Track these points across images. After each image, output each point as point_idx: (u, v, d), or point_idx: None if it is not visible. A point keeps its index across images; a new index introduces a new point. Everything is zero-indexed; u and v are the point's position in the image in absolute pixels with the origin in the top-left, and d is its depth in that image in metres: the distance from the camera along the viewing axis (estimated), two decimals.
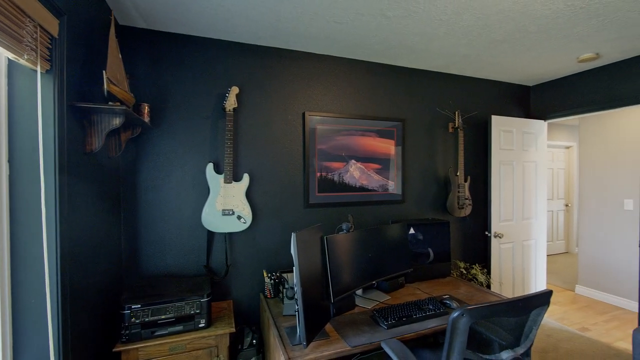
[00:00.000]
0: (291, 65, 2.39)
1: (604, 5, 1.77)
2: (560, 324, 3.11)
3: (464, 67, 2.80)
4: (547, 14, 1.86)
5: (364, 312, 1.85)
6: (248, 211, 2.13)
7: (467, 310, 1.08)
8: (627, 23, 1.99)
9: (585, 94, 2.90)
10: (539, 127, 3.19)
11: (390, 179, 2.68)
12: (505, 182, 2.99)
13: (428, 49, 2.40)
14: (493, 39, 2.21)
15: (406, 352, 1.38)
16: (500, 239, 2.95)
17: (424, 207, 2.84)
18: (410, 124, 2.78)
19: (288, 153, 2.38)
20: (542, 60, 2.63)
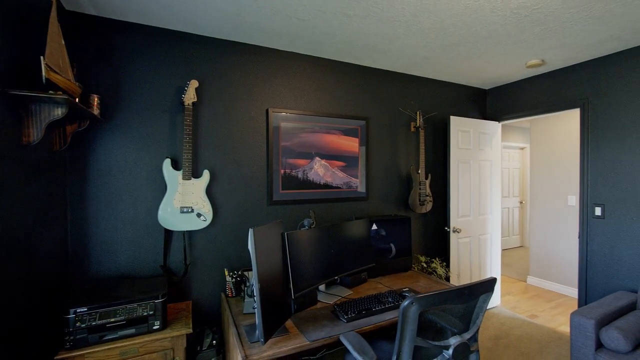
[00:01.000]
0: (254, 61, 2.35)
1: (545, 15, 1.92)
2: (512, 312, 3.33)
3: (424, 69, 2.91)
4: (496, 20, 1.98)
5: (326, 308, 1.87)
6: (208, 208, 2.07)
7: (417, 299, 1.12)
8: (565, 33, 2.17)
9: (534, 97, 3.12)
10: (494, 128, 3.39)
11: (354, 176, 2.72)
12: (463, 180, 3.14)
13: (390, 50, 2.47)
14: (449, 42, 2.31)
15: (362, 343, 1.40)
16: (459, 234, 3.10)
17: (388, 203, 2.92)
18: (374, 123, 2.85)
19: (251, 149, 2.34)
20: (495, 65, 2.79)
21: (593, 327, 1.90)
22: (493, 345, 2.66)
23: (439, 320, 1.63)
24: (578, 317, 1.97)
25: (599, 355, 1.87)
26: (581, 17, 1.95)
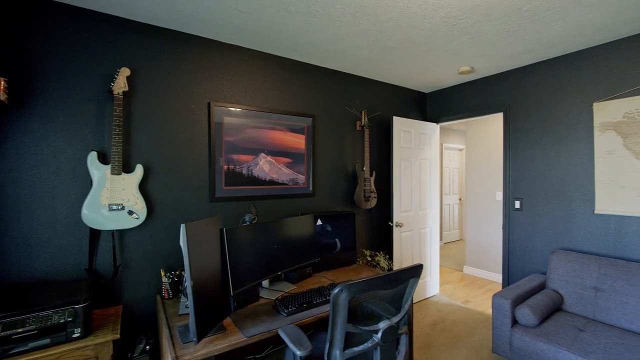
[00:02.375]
0: (196, 52, 2.26)
1: (469, 25, 2.11)
2: (449, 299, 3.60)
3: (369, 71, 3.03)
4: (429, 27, 2.13)
5: (268, 303, 1.86)
6: (142, 205, 1.94)
7: (346, 286, 1.17)
8: (488, 44, 2.41)
9: (466, 102, 3.41)
10: (433, 129, 3.65)
11: (301, 173, 2.74)
12: (405, 177, 3.33)
13: (335, 49, 2.53)
14: (388, 45, 2.44)
15: (300, 335, 1.42)
16: (401, 228, 3.28)
17: (334, 200, 2.99)
18: (321, 121, 2.90)
19: (192, 144, 2.24)
20: (431, 70, 3.01)
21: (509, 306, 2.13)
22: (431, 331, 2.86)
23: (373, 307, 1.71)
24: (497, 298, 2.19)
25: (514, 330, 2.10)
26: (499, 30, 2.18)
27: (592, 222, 2.49)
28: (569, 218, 2.61)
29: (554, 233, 2.70)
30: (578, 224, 2.56)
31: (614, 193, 2.36)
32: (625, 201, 2.31)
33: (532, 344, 2.00)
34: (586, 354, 1.79)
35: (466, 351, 2.51)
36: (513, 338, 2.10)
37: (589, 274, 2.28)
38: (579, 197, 2.56)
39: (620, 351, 1.78)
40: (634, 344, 1.85)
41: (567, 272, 2.38)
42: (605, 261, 2.25)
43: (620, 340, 1.88)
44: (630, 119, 2.28)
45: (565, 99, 2.63)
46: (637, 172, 2.26)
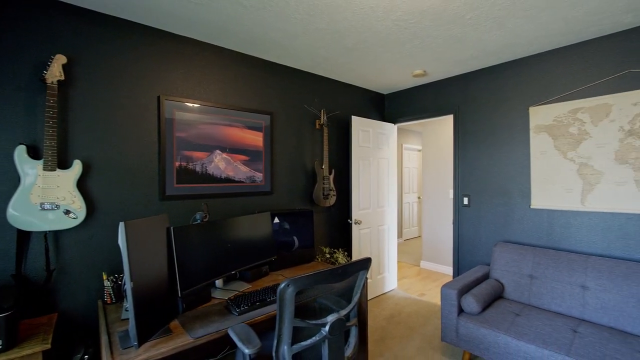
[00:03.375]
0: (145, 43, 2.14)
1: (420, 30, 2.22)
2: (406, 293, 3.75)
3: (328, 70, 3.07)
4: (382, 29, 2.21)
5: (220, 304, 1.81)
6: (80, 204, 1.80)
7: (292, 281, 1.17)
8: (438, 49, 2.54)
9: (420, 103, 3.58)
10: (390, 129, 3.78)
11: (258, 170, 2.71)
12: (363, 175, 3.41)
13: (293, 47, 2.53)
14: (345, 45, 2.48)
15: (250, 333, 1.40)
16: (360, 225, 3.36)
17: (293, 198, 2.98)
18: (279, 118, 2.88)
19: (140, 139, 2.12)
20: (388, 72, 3.11)
21: (456, 296, 2.26)
22: (387, 324, 2.95)
23: (326, 302, 1.73)
24: (445, 289, 2.32)
25: (460, 318, 2.24)
26: (446, 36, 2.31)
27: (528, 216, 2.72)
28: (510, 213, 2.83)
29: (497, 227, 2.92)
30: (517, 218, 2.79)
31: (547, 189, 2.60)
32: (555, 196, 2.55)
33: (475, 330, 2.14)
34: (520, 336, 1.95)
35: (419, 341, 2.63)
36: (459, 326, 2.23)
37: (525, 264, 2.49)
38: (517, 194, 2.78)
39: (548, 332, 1.97)
40: (560, 324, 2.05)
41: (507, 262, 2.58)
42: (539, 251, 2.48)
43: (549, 322, 2.08)
44: (559, 122, 2.53)
45: (505, 103, 2.85)
46: (564, 170, 2.50)
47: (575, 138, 2.45)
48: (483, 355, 2.10)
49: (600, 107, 2.33)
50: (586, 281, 2.19)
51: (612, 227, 2.30)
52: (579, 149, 2.43)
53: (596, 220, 2.37)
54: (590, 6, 1.93)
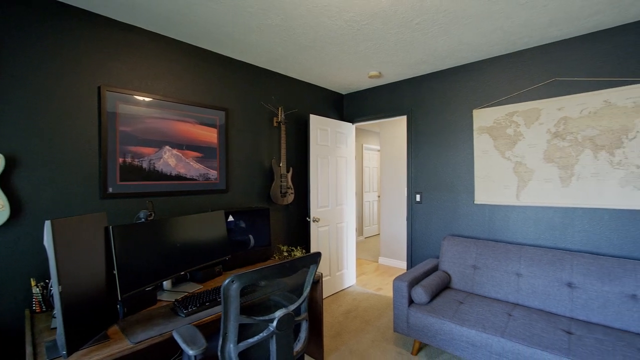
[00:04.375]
0: (84, 28, 1.98)
1: (372, 31, 2.29)
2: (364, 289, 3.85)
3: (286, 67, 3.05)
4: (335, 28, 2.25)
5: (167, 306, 1.72)
6: (3, 203, 1.61)
7: (237, 277, 1.15)
8: (390, 51, 2.65)
9: (376, 104, 3.69)
10: (348, 128, 3.86)
11: (213, 168, 2.62)
12: (322, 173, 3.44)
13: (248, 42, 2.48)
14: (301, 43, 2.49)
15: (195, 335, 1.35)
16: (318, 223, 3.39)
17: (250, 196, 2.93)
18: (235, 115, 2.81)
19: (76, 132, 1.95)
20: (345, 72, 3.17)
21: (406, 287, 2.37)
22: (344, 319, 3.01)
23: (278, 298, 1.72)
24: (397, 282, 2.42)
25: (410, 308, 2.35)
26: (397, 39, 2.41)
27: (473, 211, 2.92)
28: (457, 208, 3.02)
29: (445, 222, 3.10)
30: (463, 213, 2.98)
31: (488, 186, 2.82)
32: (495, 192, 2.77)
33: (423, 319, 2.26)
34: (462, 322, 2.10)
35: (373, 334, 2.71)
36: (409, 316, 2.34)
37: (469, 255, 2.67)
38: (463, 190, 2.98)
39: (487, 317, 2.13)
40: (497, 309, 2.23)
41: (454, 254, 2.75)
42: (482, 243, 2.67)
43: (488, 308, 2.25)
44: (498, 124, 2.75)
45: (453, 105, 3.04)
46: (502, 169, 2.73)
47: (512, 139, 2.68)
48: (431, 342, 2.22)
49: (532, 111, 2.57)
50: (520, 269, 2.40)
51: (542, 220, 2.54)
52: (514, 149, 2.67)
53: (529, 213, 2.61)
54: (521, 19, 2.12)
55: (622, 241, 2.22)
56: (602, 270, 2.11)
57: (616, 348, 1.74)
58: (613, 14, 2.07)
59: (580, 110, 2.35)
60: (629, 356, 1.66)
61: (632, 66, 2.18)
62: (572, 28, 2.26)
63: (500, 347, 1.92)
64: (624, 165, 2.20)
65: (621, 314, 1.98)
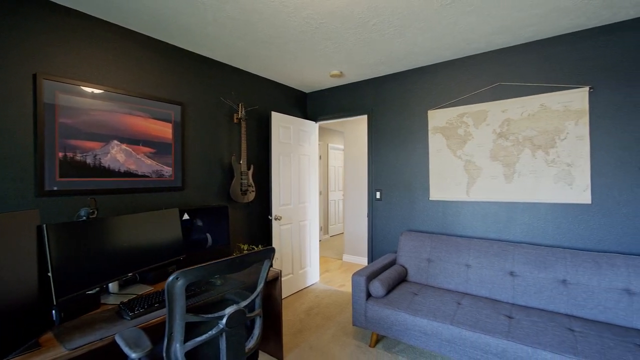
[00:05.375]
0: (20, 13, 1.80)
1: (331, 30, 2.32)
2: (327, 286, 3.88)
3: (247, 63, 3.00)
4: (294, 25, 2.25)
5: (112, 309, 1.62)
6: None
7: (182, 273, 1.11)
8: (350, 51, 2.70)
9: (339, 103, 3.75)
10: (312, 127, 3.87)
11: (167, 164, 2.51)
12: (284, 171, 3.43)
13: (206, 34, 2.40)
14: (261, 38, 2.46)
15: (140, 337, 1.28)
16: (280, 221, 3.37)
17: (208, 194, 2.84)
18: (192, 110, 2.72)
19: (5, 123, 1.77)
20: (307, 70, 3.19)
21: (364, 281, 2.43)
22: (305, 316, 3.02)
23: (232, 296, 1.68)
24: (355, 276, 2.47)
25: (368, 302, 2.41)
26: (356, 39, 2.47)
27: (428, 207, 3.07)
28: (413, 204, 3.16)
29: (403, 218, 3.22)
30: (419, 209, 3.12)
31: (441, 183, 2.97)
32: (448, 189, 2.93)
33: (380, 312, 2.33)
34: (415, 312, 2.19)
35: (334, 329, 2.75)
36: (367, 309, 2.40)
37: (424, 249, 2.80)
38: (419, 187, 3.12)
39: (438, 306, 2.24)
40: (448, 299, 2.36)
41: (410, 249, 2.87)
42: (435, 237, 2.81)
43: (440, 298, 2.37)
44: (451, 124, 2.91)
45: (410, 106, 3.17)
46: (454, 167, 2.89)
47: (462, 138, 2.85)
48: (387, 333, 2.30)
49: (480, 113, 2.75)
50: (469, 260, 2.56)
51: (489, 214, 2.73)
52: (465, 148, 2.84)
53: (477, 208, 2.79)
54: (468, 25, 2.26)
55: (556, 232, 2.45)
56: (539, 259, 2.31)
57: (547, 328, 1.91)
58: (546, 26, 2.28)
59: (521, 112, 2.56)
60: (557, 334, 1.84)
61: (563, 74, 2.41)
62: (513, 37, 2.45)
63: (449, 334, 2.03)
64: (557, 163, 2.42)
65: (553, 298, 2.18)
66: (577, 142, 2.35)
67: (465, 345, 1.97)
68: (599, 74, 2.28)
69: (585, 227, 2.34)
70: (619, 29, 2.22)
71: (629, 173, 2.19)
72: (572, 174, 2.36)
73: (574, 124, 2.36)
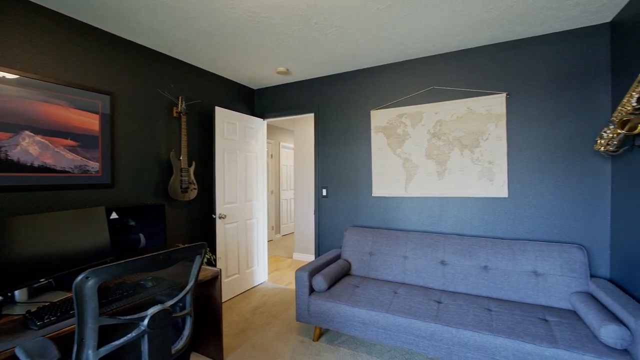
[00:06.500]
0: None
1: (273, 25, 2.31)
2: (275, 284, 3.85)
3: (188, 55, 2.86)
4: (235, 17, 2.20)
5: (16, 320, 1.43)
6: None
7: (92, 272, 1.02)
8: (295, 48, 2.71)
9: (287, 101, 3.75)
10: (259, 124, 3.82)
11: (93, 159, 2.29)
12: (229, 168, 3.33)
13: (137, 21, 2.24)
14: (202, 28, 2.36)
15: (46, 347, 1.15)
16: (225, 220, 3.26)
17: (144, 191, 2.65)
18: (125, 101, 2.52)
19: None
20: (253, 65, 3.13)
21: (307, 277, 2.46)
22: (250, 316, 2.96)
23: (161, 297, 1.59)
24: (299, 272, 2.49)
25: (311, 297, 2.44)
26: (299, 37, 2.49)
27: (371, 203, 3.20)
28: (358, 201, 3.27)
29: (348, 214, 3.32)
30: (363, 205, 3.24)
31: (383, 180, 3.11)
32: (389, 186, 3.08)
33: (322, 305, 2.37)
34: (355, 303, 2.27)
35: (279, 326, 2.73)
36: (310, 304, 2.43)
37: (366, 243, 2.91)
38: (363, 184, 3.24)
39: (377, 296, 2.35)
40: (386, 289, 2.48)
41: (354, 243, 2.96)
42: (377, 232, 2.94)
43: (379, 289, 2.49)
44: (391, 124, 3.07)
45: (354, 105, 3.28)
46: (394, 164, 3.05)
47: (401, 138, 3.02)
48: (329, 326, 2.35)
49: (417, 114, 2.94)
50: (406, 252, 2.72)
51: (424, 208, 2.93)
52: (403, 147, 3.01)
53: (414, 203, 2.97)
54: (403, 31, 2.41)
55: (479, 223, 2.71)
56: (465, 248, 2.53)
57: (470, 310, 2.10)
58: (471, 36, 2.51)
59: (451, 114, 2.79)
60: (477, 314, 2.03)
61: (485, 80, 2.67)
62: (443, 45, 2.66)
63: (385, 321, 2.14)
64: (481, 161, 2.68)
65: (477, 283, 2.40)
66: (497, 142, 2.62)
67: (399, 331, 2.09)
68: (514, 82, 2.58)
69: (503, 219, 2.62)
70: (528, 43, 2.52)
71: (536, 170, 2.50)
72: (493, 171, 2.63)
73: (495, 126, 2.63)
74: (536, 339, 1.76)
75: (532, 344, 1.74)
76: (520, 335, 1.81)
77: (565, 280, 2.18)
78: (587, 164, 2.35)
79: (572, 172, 2.40)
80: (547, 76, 2.46)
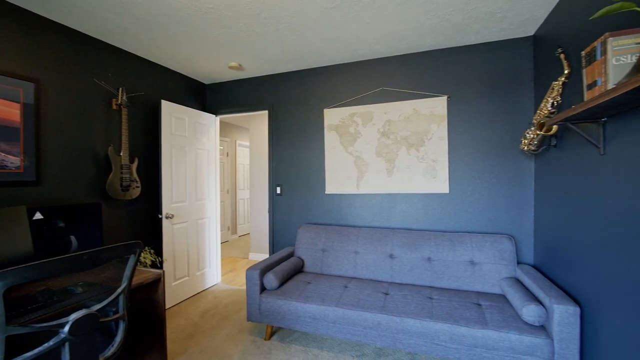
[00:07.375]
0: None
1: (221, 17, 2.24)
2: (229, 286, 3.74)
3: (130, 43, 2.67)
4: (179, 7, 2.10)
5: None
6: None
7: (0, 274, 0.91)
8: (245, 42, 2.65)
9: (241, 97, 3.66)
10: (211, 120, 3.68)
11: (14, 154, 2.04)
12: (178, 166, 3.17)
13: (72, 4, 2.04)
14: (141, 16, 2.22)
15: None
16: (172, 219, 3.10)
17: (78, 190, 2.43)
18: (54, 89, 2.28)
19: None
20: (203, 59, 3.01)
21: (258, 275, 2.42)
22: (200, 319, 2.84)
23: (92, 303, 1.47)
24: (249, 271, 2.44)
25: (262, 295, 2.41)
26: (250, 31, 2.44)
27: (324, 201, 3.24)
28: (312, 198, 3.29)
29: (302, 211, 3.34)
30: (317, 203, 3.27)
31: (336, 178, 3.17)
32: (341, 183, 3.15)
33: (273, 303, 2.35)
34: (306, 299, 2.29)
35: (230, 328, 2.66)
36: (261, 302, 2.40)
37: (319, 240, 2.94)
38: (316, 182, 3.27)
39: (327, 291, 2.39)
40: (337, 284, 2.53)
41: (307, 241, 2.98)
42: (330, 229, 2.99)
43: (330, 284, 2.53)
44: (343, 123, 3.14)
45: (308, 104, 3.30)
46: (346, 162, 3.13)
47: (353, 136, 3.10)
48: (281, 324, 2.34)
49: (367, 114, 3.04)
50: (357, 247, 2.79)
51: (374, 205, 3.04)
52: (355, 145, 3.09)
53: (366, 200, 3.07)
54: (352, 31, 2.47)
55: (425, 217, 2.87)
56: (411, 241, 2.67)
57: (414, 299, 2.22)
58: (416, 41, 2.66)
59: (399, 115, 2.92)
60: (420, 303, 2.16)
61: (429, 83, 2.84)
62: (391, 47, 2.78)
63: (335, 315, 2.18)
64: (425, 159, 2.85)
65: (421, 274, 2.55)
66: (439, 141, 2.81)
67: (348, 324, 2.14)
68: (454, 86, 2.77)
69: (445, 213, 2.81)
70: (465, 51, 2.74)
71: (473, 168, 2.72)
72: (436, 168, 2.81)
73: (437, 126, 2.81)
74: (470, 322, 1.91)
75: (466, 327, 1.89)
76: (457, 319, 1.95)
77: (497, 267, 2.39)
78: (515, 162, 2.60)
79: (502, 169, 2.64)
80: (481, 82, 2.69)
